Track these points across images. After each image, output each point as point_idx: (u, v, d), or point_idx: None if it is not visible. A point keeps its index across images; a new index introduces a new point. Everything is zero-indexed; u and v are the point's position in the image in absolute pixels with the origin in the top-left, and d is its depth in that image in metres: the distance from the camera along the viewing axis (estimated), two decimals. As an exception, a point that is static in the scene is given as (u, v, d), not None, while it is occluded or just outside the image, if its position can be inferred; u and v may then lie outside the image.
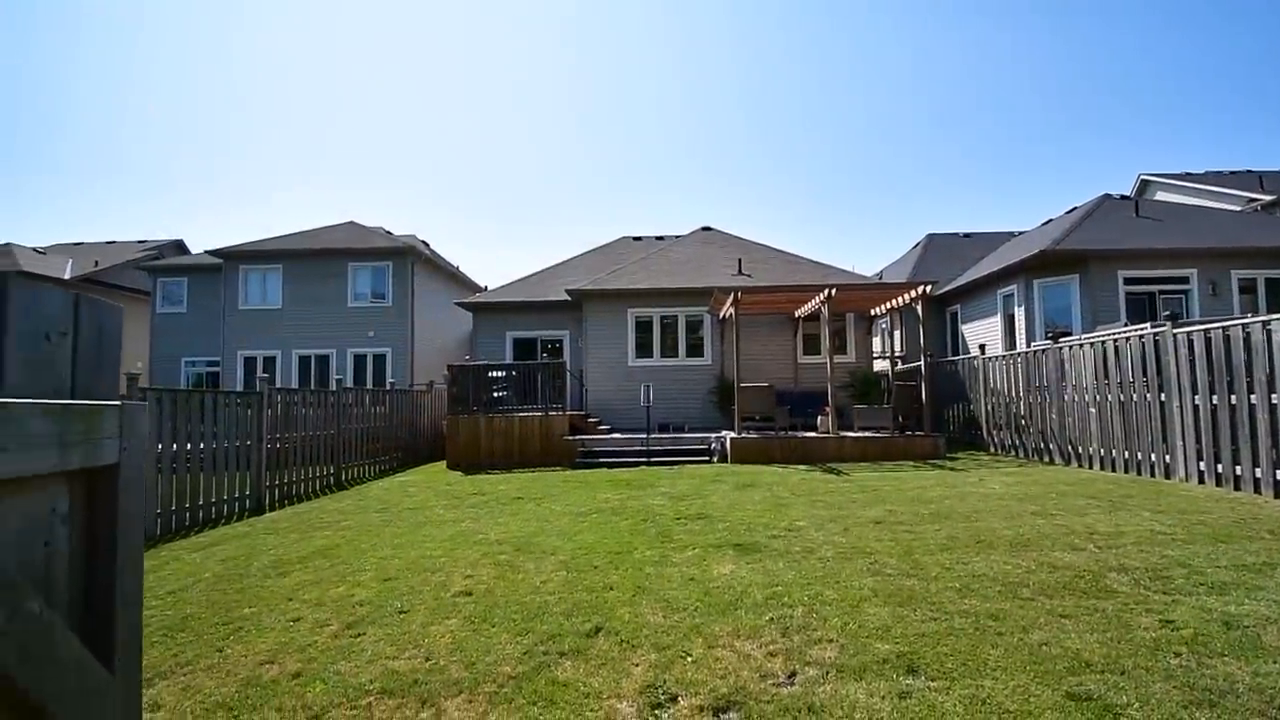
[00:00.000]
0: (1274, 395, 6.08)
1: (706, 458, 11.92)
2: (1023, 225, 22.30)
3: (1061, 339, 10.15)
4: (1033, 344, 13.73)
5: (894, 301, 13.18)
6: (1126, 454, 8.19)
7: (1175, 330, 7.39)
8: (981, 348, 13.03)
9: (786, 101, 71.58)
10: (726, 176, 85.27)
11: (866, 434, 11.54)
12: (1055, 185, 70.99)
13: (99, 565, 0.96)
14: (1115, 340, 8.45)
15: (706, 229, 20.78)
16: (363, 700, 2.73)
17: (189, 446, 7.56)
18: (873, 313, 15.20)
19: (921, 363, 12.03)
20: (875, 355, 16.82)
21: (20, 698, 0.78)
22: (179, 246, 27.63)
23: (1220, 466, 6.75)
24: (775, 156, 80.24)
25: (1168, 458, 7.51)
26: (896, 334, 16.11)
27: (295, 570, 4.96)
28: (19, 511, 0.84)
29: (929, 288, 12.20)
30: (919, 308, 12.22)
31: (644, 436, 12.54)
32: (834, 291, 11.92)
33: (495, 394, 13.33)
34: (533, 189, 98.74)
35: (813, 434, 11.86)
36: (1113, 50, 56.29)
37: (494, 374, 13.69)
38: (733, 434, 11.79)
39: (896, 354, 15.34)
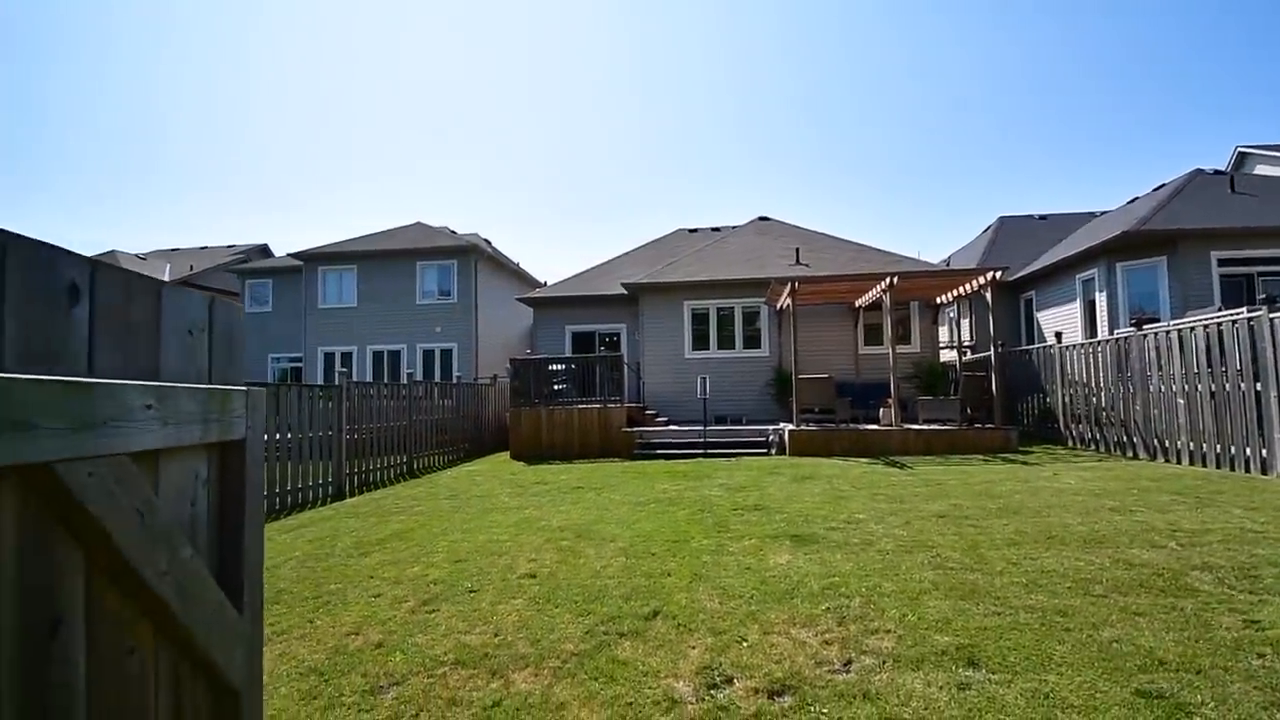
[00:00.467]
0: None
1: (764, 450, 11.85)
2: (1104, 206, 20.82)
3: (1147, 325, 9.54)
4: (1115, 331, 12.92)
5: (962, 289, 12.68)
6: (1218, 448, 7.65)
7: (1272, 315, 6.84)
8: (1058, 336, 12.36)
9: (842, 92, 69.50)
10: (784, 167, 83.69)
11: (932, 426, 11.19)
12: (1142, 166, 65.93)
13: (229, 524, 1.15)
14: (1206, 326, 7.89)
15: (763, 219, 20.51)
16: (438, 670, 2.95)
17: (278, 436, 8.16)
18: (939, 301, 14.64)
19: (991, 352, 11.55)
20: (942, 345, 16.22)
21: (177, 627, 0.96)
22: (263, 250, 29.53)
23: (1328, 462, 6.24)
24: (834, 146, 78.13)
25: (1264, 451, 6.98)
26: (965, 322, 15.52)
27: (374, 551, 5.32)
28: (174, 475, 1.02)
29: (1000, 274, 11.67)
30: (989, 295, 11.72)
31: (701, 428, 12.57)
32: (896, 280, 11.56)
33: (555, 387, 13.66)
34: (591, 184, 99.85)
35: (874, 426, 11.60)
36: (1196, 20, 51.68)
37: (554, 367, 14.03)
38: (791, 426, 11.67)
39: (964, 343, 14.77)
